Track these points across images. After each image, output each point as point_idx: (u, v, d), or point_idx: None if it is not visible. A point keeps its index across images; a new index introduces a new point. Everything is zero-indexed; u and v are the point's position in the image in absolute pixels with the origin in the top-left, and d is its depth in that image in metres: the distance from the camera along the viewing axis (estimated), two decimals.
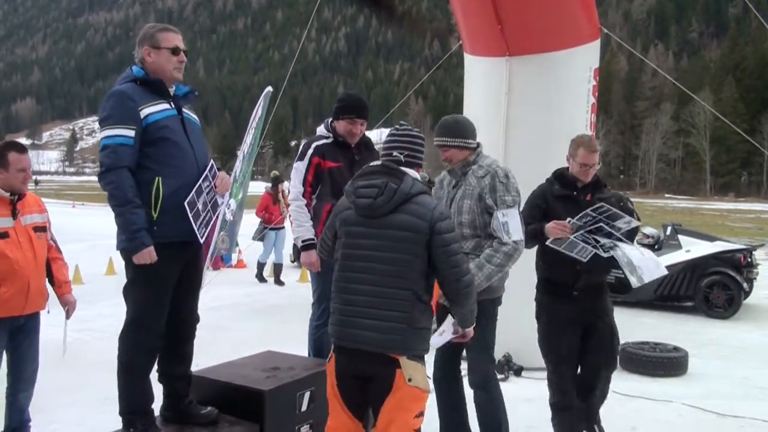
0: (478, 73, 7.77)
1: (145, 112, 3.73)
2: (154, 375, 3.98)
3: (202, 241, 3.91)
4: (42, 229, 4.69)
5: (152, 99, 3.79)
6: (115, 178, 3.64)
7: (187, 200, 3.74)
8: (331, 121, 5.33)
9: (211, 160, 4.05)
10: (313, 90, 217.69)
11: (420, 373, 3.37)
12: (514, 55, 7.31)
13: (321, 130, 5.36)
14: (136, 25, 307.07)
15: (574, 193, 4.75)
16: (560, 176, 4.85)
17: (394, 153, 3.63)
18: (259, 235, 14.09)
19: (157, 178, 3.70)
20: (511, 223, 4.25)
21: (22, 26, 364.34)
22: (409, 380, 3.31)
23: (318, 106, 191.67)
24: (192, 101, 4.07)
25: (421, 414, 3.41)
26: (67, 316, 4.99)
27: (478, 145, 4.57)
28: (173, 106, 3.88)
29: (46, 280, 4.81)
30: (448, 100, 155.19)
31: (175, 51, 3.91)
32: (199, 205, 3.83)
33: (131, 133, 3.67)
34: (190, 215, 3.75)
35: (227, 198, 4.20)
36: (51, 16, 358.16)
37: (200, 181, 3.85)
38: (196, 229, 3.80)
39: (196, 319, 4.16)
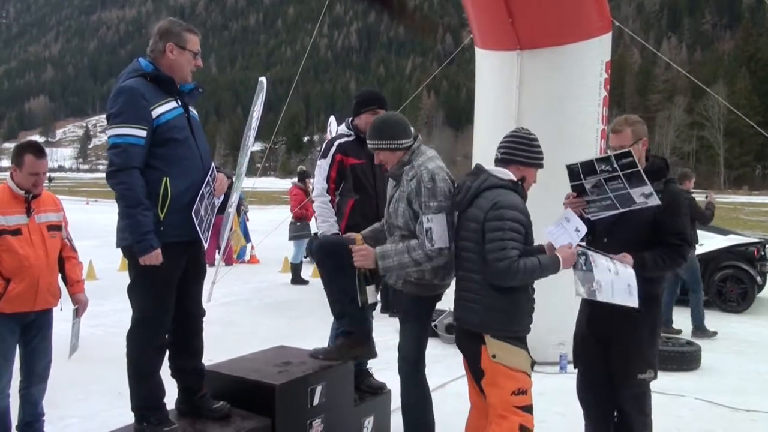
0: (489, 67, 7.76)
1: (156, 111, 3.71)
2: (166, 369, 4.01)
3: (206, 244, 3.95)
4: (56, 227, 4.72)
5: (162, 97, 3.76)
6: (126, 178, 3.62)
7: (193, 209, 3.76)
8: (352, 120, 5.34)
9: (212, 162, 4.06)
10: (326, 86, 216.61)
11: (506, 351, 3.75)
12: (525, 49, 7.30)
13: (342, 129, 5.37)
14: (149, 22, 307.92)
15: None
16: None
17: (496, 151, 4.02)
18: (295, 234, 13.45)
19: (165, 179, 3.70)
20: (435, 230, 4.02)
21: (35, 24, 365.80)
22: (493, 357, 3.74)
23: (330, 102, 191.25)
24: (197, 98, 4.06)
25: (520, 392, 3.76)
26: (77, 315, 5.02)
27: (415, 139, 4.34)
28: (179, 103, 3.87)
29: (60, 278, 4.84)
30: (461, 95, 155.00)
31: (196, 55, 3.94)
32: (202, 211, 3.86)
33: (143, 133, 3.65)
34: (196, 223, 3.77)
35: (233, 197, 4.22)
36: (63, 14, 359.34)
37: (203, 187, 3.86)
38: (201, 234, 3.84)
39: (203, 313, 4.17)
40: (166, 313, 3.85)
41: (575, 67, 7.30)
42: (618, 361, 4.21)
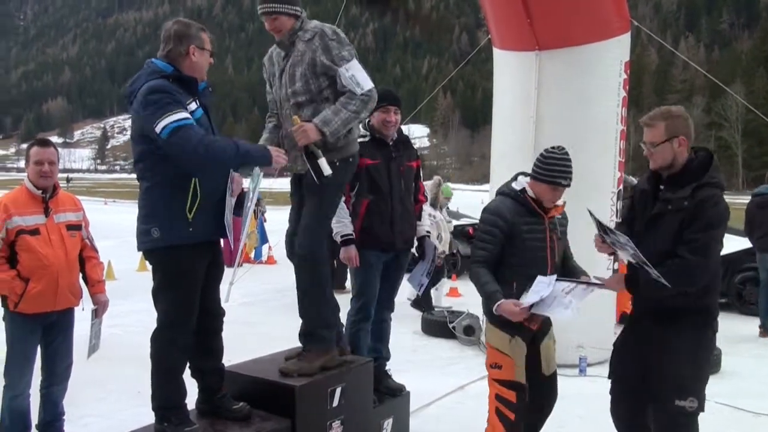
0: (508, 67, 7.73)
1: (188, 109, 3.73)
2: (186, 370, 4.02)
3: (233, 244, 3.99)
4: (76, 227, 4.76)
5: (186, 97, 3.75)
6: (216, 141, 3.69)
7: (225, 219, 3.86)
8: (368, 120, 5.32)
9: None
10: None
11: (490, 332, 4.35)
12: (544, 49, 7.28)
13: (360, 129, 5.36)
14: (165, 23, 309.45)
15: (652, 186, 3.98)
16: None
17: None
18: None
19: (194, 179, 3.71)
20: (358, 75, 4.13)
21: (53, 26, 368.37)
22: (486, 337, 4.44)
23: None
24: (209, 98, 4.04)
25: (496, 366, 4.28)
26: (97, 315, 5.05)
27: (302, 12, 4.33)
28: (198, 104, 3.86)
29: (80, 278, 4.87)
30: (477, 95, 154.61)
31: (211, 54, 3.96)
32: (227, 213, 3.90)
33: (189, 116, 3.64)
34: (227, 223, 3.87)
35: (251, 195, 4.25)
36: (81, 16, 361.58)
37: (228, 194, 3.90)
38: (231, 237, 3.94)
39: (222, 313, 4.17)
40: (192, 314, 3.86)
41: (594, 67, 7.27)
42: (654, 378, 3.84)
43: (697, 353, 3.79)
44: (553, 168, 4.16)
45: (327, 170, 4.07)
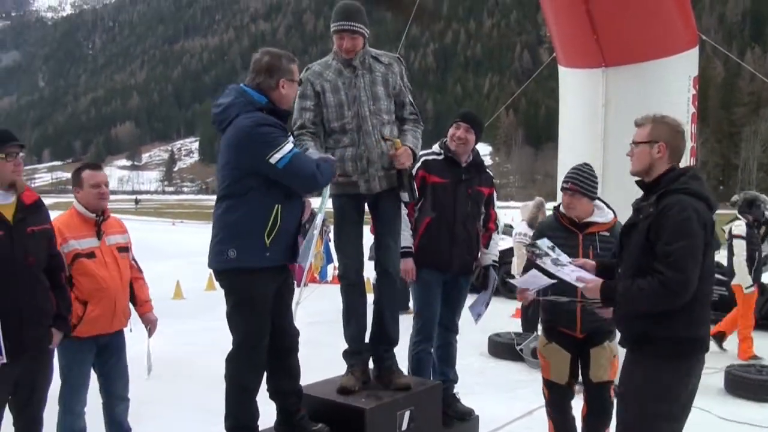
0: (574, 85, 7.64)
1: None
2: (263, 393, 4.06)
3: (306, 267, 4.03)
4: (125, 249, 4.83)
5: (283, 130, 3.90)
6: (326, 168, 3.93)
7: (302, 240, 4.03)
8: (445, 140, 5.32)
9: None
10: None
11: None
12: (611, 66, 7.17)
13: (435, 148, 5.35)
14: (230, 49, 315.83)
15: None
16: None
17: None
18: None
19: (276, 207, 3.81)
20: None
21: (121, 54, 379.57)
22: None
23: None
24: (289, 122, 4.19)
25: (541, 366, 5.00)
26: (149, 335, 5.12)
27: None
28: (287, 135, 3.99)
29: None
30: (540, 112, 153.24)
31: (299, 83, 4.09)
32: (300, 240, 4.03)
33: (293, 144, 3.87)
34: (305, 268, 3.93)
35: (317, 218, 4.32)
36: (148, 44, 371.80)
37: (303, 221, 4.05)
38: (301, 259, 4.12)
39: (297, 332, 4.23)
40: (264, 335, 3.94)
41: (663, 83, 7.12)
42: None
43: (650, 389, 3.42)
44: (566, 176, 4.66)
45: (416, 191, 4.44)
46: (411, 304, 5.70)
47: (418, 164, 5.10)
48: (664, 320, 3.35)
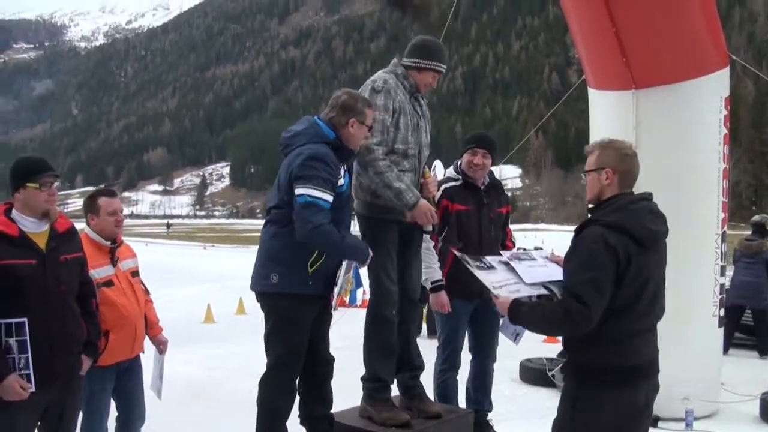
0: (604, 107, 7.58)
1: (339, 182, 3.97)
2: (293, 418, 4.06)
3: (335, 301, 4.13)
4: (137, 273, 4.82)
5: (341, 166, 4.03)
6: (324, 234, 3.83)
7: (338, 283, 4.06)
8: (459, 163, 5.33)
9: None
10: (431, 130, 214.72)
11: None
12: (641, 88, 7.10)
13: (450, 171, 5.35)
14: (261, 75, 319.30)
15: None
16: None
17: None
18: None
19: None
20: None
21: (153, 81, 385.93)
22: None
23: (436, 146, 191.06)
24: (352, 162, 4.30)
25: None
26: (161, 353, 5.06)
27: None
28: (346, 168, 4.13)
29: None
30: (569, 134, 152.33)
31: (370, 128, 4.16)
32: (342, 276, 4.09)
33: (330, 198, 3.88)
34: (334, 297, 4.07)
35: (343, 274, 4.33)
36: (180, 71, 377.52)
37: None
38: (335, 296, 4.09)
39: (332, 359, 4.29)
40: (300, 359, 4.02)
41: (694, 104, 7.04)
42: None
43: (564, 421, 3.43)
44: None
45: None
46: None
47: (440, 193, 5.07)
48: (587, 348, 3.32)
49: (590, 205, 3.55)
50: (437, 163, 17.08)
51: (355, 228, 4.50)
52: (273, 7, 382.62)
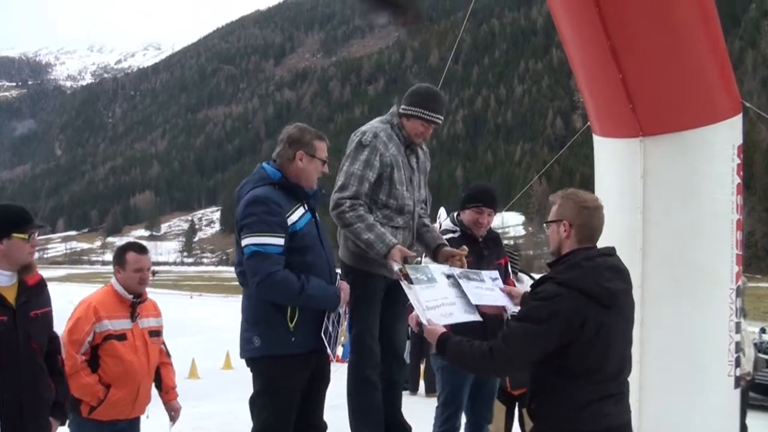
0: (610, 155, 7.34)
1: (290, 219, 3.72)
2: None
3: (333, 357, 3.93)
4: (157, 333, 4.75)
5: (292, 204, 3.78)
6: (276, 285, 3.62)
7: (322, 330, 3.75)
8: (458, 214, 5.21)
9: (338, 271, 4.02)
10: (432, 175, 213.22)
11: None
12: (648, 135, 6.86)
13: (447, 223, 5.25)
14: (255, 117, 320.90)
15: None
16: None
17: None
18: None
19: None
20: None
21: (142, 122, 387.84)
22: None
23: (436, 191, 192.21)
24: (320, 200, 4.05)
25: None
26: (173, 421, 5.00)
27: None
28: (306, 208, 3.87)
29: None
30: (574, 179, 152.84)
31: (324, 162, 3.97)
32: (330, 327, 3.80)
33: (281, 241, 3.65)
34: (325, 342, 3.75)
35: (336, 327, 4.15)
36: (170, 112, 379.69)
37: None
38: (329, 350, 3.81)
39: (324, 426, 4.08)
40: (287, 426, 3.78)
41: (705, 153, 6.79)
42: None
43: None
44: None
45: None
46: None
47: None
48: (551, 415, 3.29)
49: (551, 258, 3.53)
50: (442, 210, 16.94)
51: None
52: (269, 48, 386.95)
